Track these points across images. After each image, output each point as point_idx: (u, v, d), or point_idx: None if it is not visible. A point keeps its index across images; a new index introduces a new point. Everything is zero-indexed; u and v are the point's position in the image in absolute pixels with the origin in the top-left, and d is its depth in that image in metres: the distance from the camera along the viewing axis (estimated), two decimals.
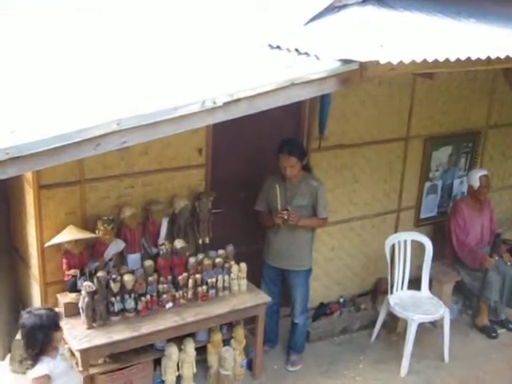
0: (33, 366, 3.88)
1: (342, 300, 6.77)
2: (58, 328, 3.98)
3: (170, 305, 5.16)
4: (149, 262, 5.10)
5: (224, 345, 5.54)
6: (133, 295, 4.98)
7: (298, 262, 5.76)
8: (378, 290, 6.91)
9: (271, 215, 5.62)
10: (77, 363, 4.72)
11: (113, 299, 4.90)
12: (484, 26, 5.23)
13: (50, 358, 3.95)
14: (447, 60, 4.02)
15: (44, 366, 3.90)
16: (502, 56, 4.34)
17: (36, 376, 3.88)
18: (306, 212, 5.63)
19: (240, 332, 5.58)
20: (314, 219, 5.71)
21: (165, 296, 5.14)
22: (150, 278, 5.06)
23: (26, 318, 3.90)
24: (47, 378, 3.90)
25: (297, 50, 4.11)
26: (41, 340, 3.86)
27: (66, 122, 3.15)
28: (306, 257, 5.80)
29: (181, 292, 5.23)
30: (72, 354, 4.85)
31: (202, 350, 5.50)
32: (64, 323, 4.84)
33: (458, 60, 4.08)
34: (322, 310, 6.63)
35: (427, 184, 7.28)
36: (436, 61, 3.97)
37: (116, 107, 3.30)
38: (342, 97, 5.98)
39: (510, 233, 7.98)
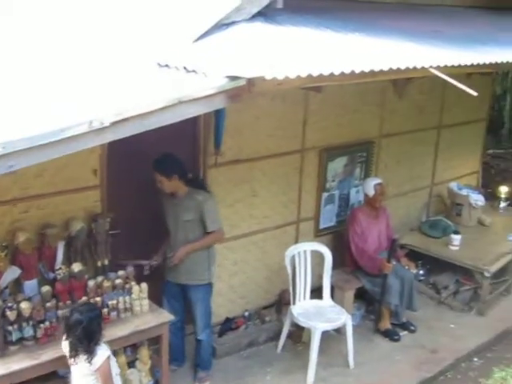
0: (92, 356, 4.30)
1: (247, 313, 6.81)
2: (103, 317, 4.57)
3: None
4: (46, 288, 4.96)
5: (129, 367, 5.44)
6: (31, 323, 4.82)
7: (196, 277, 5.75)
8: (282, 302, 6.98)
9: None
10: None
11: (10, 328, 4.72)
12: (369, 40, 5.40)
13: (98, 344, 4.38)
14: (332, 74, 4.12)
15: (103, 350, 4.36)
16: (386, 68, 4.49)
17: (104, 359, 4.33)
18: (195, 227, 5.64)
19: (145, 353, 5.50)
20: (203, 239, 5.70)
21: None
22: (49, 304, 4.92)
23: (77, 315, 4.30)
24: (109, 358, 4.42)
25: (185, 67, 4.12)
26: (97, 330, 4.31)
27: None
28: (204, 271, 5.78)
29: None
30: None
31: None
32: None
33: (342, 73, 4.18)
34: (228, 325, 6.64)
35: (325, 194, 7.43)
36: (321, 75, 4.06)
37: (1, 129, 3.22)
38: (236, 112, 6.03)
39: (408, 237, 8.26)
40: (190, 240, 5.65)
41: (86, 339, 4.27)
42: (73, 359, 4.40)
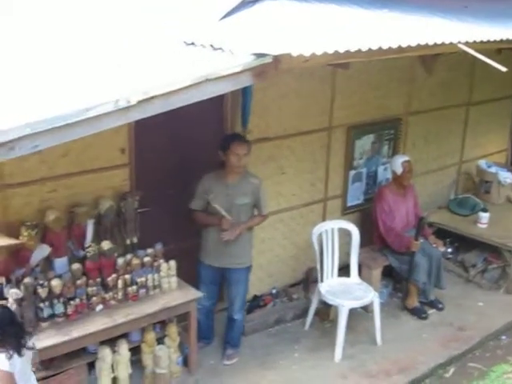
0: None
1: (274, 291, 6.85)
2: None
3: (100, 307, 5.12)
4: (76, 266, 5.04)
5: (158, 343, 5.52)
6: (62, 300, 4.91)
7: (240, 260, 5.78)
8: (310, 279, 6.99)
9: (211, 215, 5.63)
10: None
11: (41, 305, 4.82)
12: (397, 15, 5.35)
13: None
14: (359, 50, 4.09)
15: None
16: (413, 44, 4.45)
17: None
18: (248, 210, 5.70)
19: (173, 329, 5.57)
20: (255, 220, 5.80)
21: (94, 298, 5.09)
22: (79, 282, 5.00)
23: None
24: None
25: (211, 45, 4.11)
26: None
27: None
28: (247, 254, 5.83)
29: (111, 293, 5.18)
30: None
31: (136, 351, 5.48)
32: None
33: (369, 50, 4.15)
34: (256, 303, 6.67)
35: (352, 172, 7.41)
36: (348, 51, 4.03)
37: (27, 110, 3.25)
38: (263, 90, 6.03)
39: (436, 215, 8.21)
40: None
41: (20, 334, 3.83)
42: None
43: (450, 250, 8.10)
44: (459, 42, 4.80)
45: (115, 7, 4.98)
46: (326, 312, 6.71)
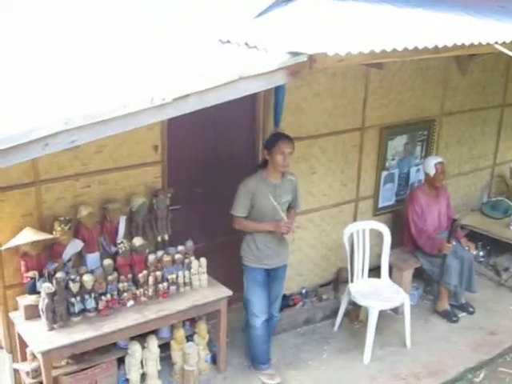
0: None
1: (304, 291, 6.83)
2: None
3: (131, 303, 5.15)
4: (108, 261, 5.08)
5: (187, 341, 5.54)
6: (93, 295, 4.95)
7: (284, 257, 5.78)
8: (340, 280, 6.97)
9: (260, 221, 5.53)
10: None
11: (73, 300, 4.87)
12: (432, 15, 5.31)
13: None
14: (395, 50, 4.06)
15: None
16: (450, 44, 4.40)
17: None
18: (287, 207, 5.68)
19: (203, 327, 5.59)
20: (293, 215, 5.79)
21: (125, 294, 5.13)
22: (110, 277, 5.04)
23: None
24: None
25: (246, 43, 4.12)
26: None
27: (12, 123, 3.11)
28: (288, 251, 5.83)
29: (141, 290, 5.22)
30: (34, 356, 4.83)
31: (165, 347, 5.50)
32: (25, 326, 4.86)
33: (405, 49, 4.12)
34: (285, 302, 6.62)
35: (384, 173, 7.37)
36: (383, 51, 4.00)
37: (64, 106, 3.28)
38: (296, 89, 6.02)
39: (468, 218, 8.14)
40: None
41: None
42: None
43: (481, 253, 8.02)
44: (496, 43, 4.74)
45: (150, 4, 5.01)
46: (356, 313, 6.69)
